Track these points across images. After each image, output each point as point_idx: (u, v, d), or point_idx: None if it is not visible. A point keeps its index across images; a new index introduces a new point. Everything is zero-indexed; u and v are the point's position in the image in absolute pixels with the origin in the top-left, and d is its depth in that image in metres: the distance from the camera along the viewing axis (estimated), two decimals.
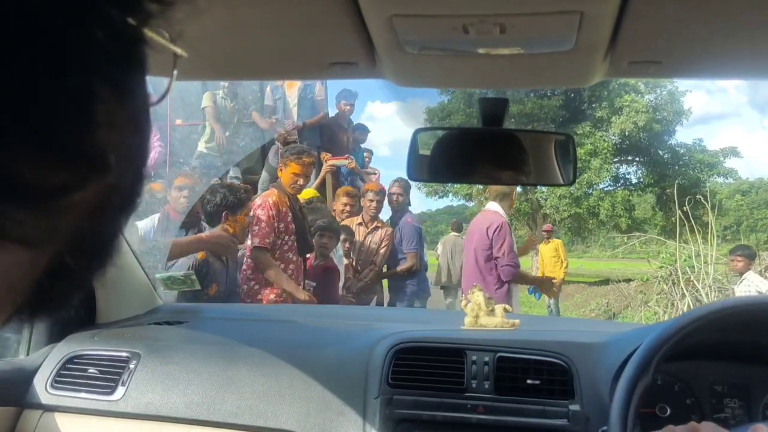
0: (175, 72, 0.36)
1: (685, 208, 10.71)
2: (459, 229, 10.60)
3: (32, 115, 0.25)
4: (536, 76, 1.13)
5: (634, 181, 24.93)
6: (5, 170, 0.24)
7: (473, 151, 1.32)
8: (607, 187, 23.59)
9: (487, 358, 1.44)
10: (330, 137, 7.41)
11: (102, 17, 0.26)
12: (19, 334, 1.68)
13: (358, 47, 0.95)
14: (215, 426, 1.44)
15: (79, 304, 1.71)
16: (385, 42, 0.92)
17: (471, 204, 28.28)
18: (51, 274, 0.30)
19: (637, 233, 16.26)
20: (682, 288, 9.92)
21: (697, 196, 11.91)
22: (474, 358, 1.45)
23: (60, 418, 1.51)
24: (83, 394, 1.51)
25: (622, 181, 24.71)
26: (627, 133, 21.87)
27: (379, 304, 5.67)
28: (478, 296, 1.71)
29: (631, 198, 23.70)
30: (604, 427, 1.18)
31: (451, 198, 27.81)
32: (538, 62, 1.02)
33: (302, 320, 1.98)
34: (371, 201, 5.58)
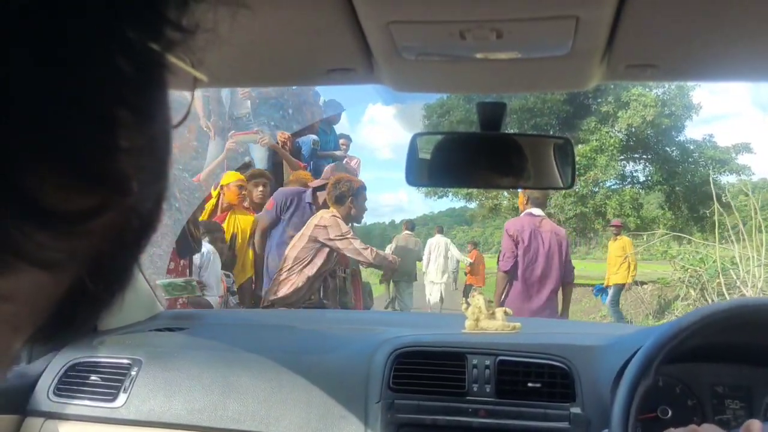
0: (192, 94, 0.37)
1: (713, 205, 10.31)
2: (412, 228, 11.29)
3: (55, 140, 0.25)
4: (533, 80, 1.13)
5: (641, 179, 23.94)
6: (28, 193, 0.25)
7: (472, 155, 1.32)
8: (613, 185, 22.64)
9: (488, 362, 1.44)
10: (292, 113, 6.69)
11: (124, 44, 0.27)
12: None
13: (355, 54, 0.95)
14: None
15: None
16: (383, 48, 0.92)
17: (472, 205, 27.75)
18: (72, 297, 0.31)
19: (662, 230, 15.26)
20: (714, 292, 9.45)
21: (722, 197, 11.46)
22: (475, 361, 1.45)
23: (62, 426, 1.51)
24: (85, 402, 1.51)
25: (629, 179, 23.70)
26: (634, 129, 21.03)
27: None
28: (478, 300, 1.71)
29: (638, 196, 22.74)
30: (606, 430, 1.19)
31: (451, 198, 26.93)
32: (535, 67, 1.02)
33: (302, 325, 1.99)
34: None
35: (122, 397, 1.50)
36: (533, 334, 1.68)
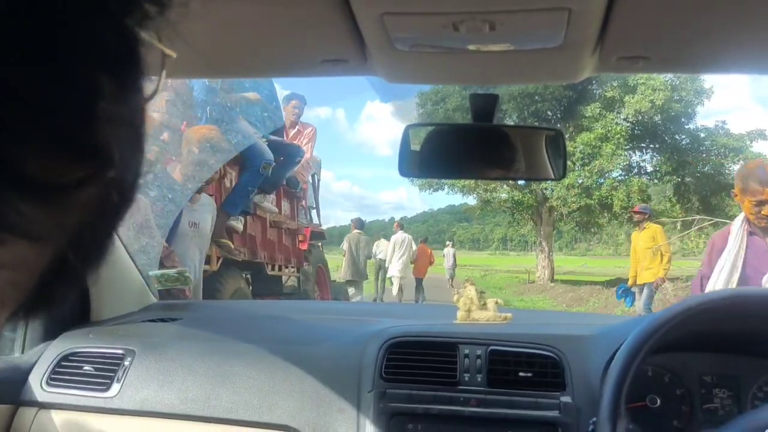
0: (164, 71, 0.37)
1: (725, 196, 9.37)
2: (361, 226, 11.79)
3: (41, 109, 0.25)
4: (526, 72, 1.14)
5: (649, 169, 22.55)
6: (13, 164, 0.25)
7: (464, 147, 1.33)
8: (619, 176, 21.43)
9: (479, 352, 1.46)
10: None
11: (107, 14, 0.27)
12: (14, 332, 1.68)
13: (349, 45, 0.95)
14: (210, 422, 1.44)
15: (74, 301, 1.72)
16: (376, 39, 0.92)
17: (470, 200, 26.63)
18: (53, 271, 0.31)
19: (700, 216, 13.50)
20: None
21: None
22: (466, 351, 1.46)
23: (56, 416, 1.51)
24: (78, 392, 1.52)
25: (636, 170, 22.37)
26: (642, 115, 19.79)
27: None
28: (470, 291, 1.72)
29: (647, 188, 21.36)
30: (595, 419, 1.20)
31: (447, 191, 26.12)
32: (527, 59, 1.03)
33: (295, 316, 1.99)
34: None
35: (115, 387, 1.50)
36: (524, 325, 1.69)
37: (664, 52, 1.02)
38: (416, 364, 1.45)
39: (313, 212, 11.34)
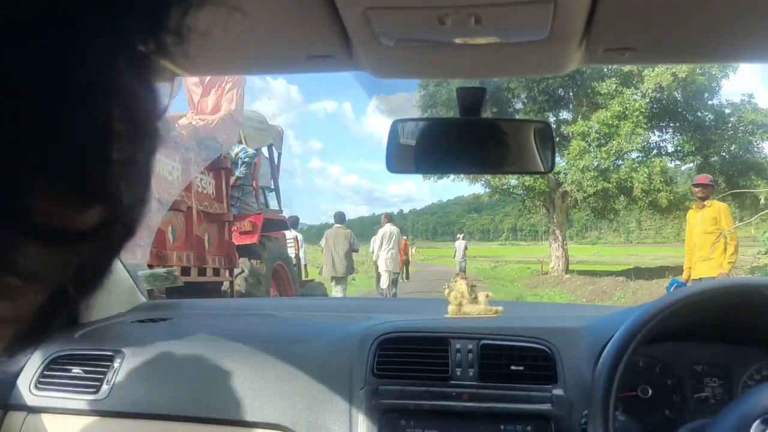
0: (172, 90, 0.36)
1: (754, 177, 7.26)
2: (341, 220, 10.38)
3: (56, 152, 0.24)
4: (512, 65, 1.13)
5: (670, 149, 20.80)
6: (20, 207, 0.24)
7: (452, 141, 1.32)
8: (638, 157, 19.79)
9: (471, 346, 1.45)
10: None
11: (130, 53, 0.26)
12: None
13: (334, 40, 0.95)
14: (201, 422, 1.44)
15: None
16: (361, 34, 0.92)
17: (478, 188, 25.20)
18: (51, 304, 0.30)
19: None
20: None
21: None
22: (458, 346, 1.46)
23: (45, 419, 1.50)
24: (68, 394, 1.50)
25: (655, 150, 20.68)
26: (662, 91, 18.26)
27: None
28: (460, 284, 1.72)
29: (668, 169, 19.73)
30: (588, 411, 1.20)
31: (452, 178, 24.37)
32: (514, 51, 1.02)
33: (284, 314, 1.99)
34: None
35: (105, 389, 1.49)
36: (515, 318, 1.69)
37: (652, 43, 1.02)
38: (408, 359, 1.45)
39: (272, 196, 9.38)
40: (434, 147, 1.34)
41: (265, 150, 8.98)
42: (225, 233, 7.25)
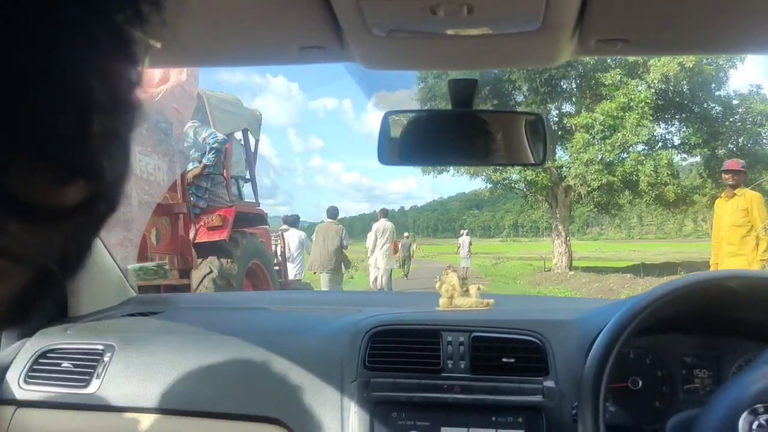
0: (144, 62, 0.36)
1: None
2: (334, 215, 10.01)
3: (38, 128, 0.24)
4: (505, 56, 1.13)
5: (676, 142, 20.16)
6: (9, 189, 0.24)
7: (444, 133, 1.32)
8: (643, 150, 19.27)
9: (462, 339, 1.46)
10: None
11: (107, 21, 0.26)
12: None
13: (326, 31, 0.94)
14: (194, 416, 1.43)
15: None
16: (353, 25, 0.91)
17: (478, 183, 24.38)
18: (35, 283, 0.30)
19: None
20: None
21: None
22: (449, 338, 1.46)
23: (35, 413, 1.49)
24: (57, 388, 1.49)
25: (661, 143, 20.21)
26: (668, 81, 17.80)
27: None
28: (452, 277, 1.72)
29: (675, 162, 19.04)
30: (578, 402, 1.21)
31: (452, 172, 24.04)
32: (506, 42, 1.02)
33: (276, 307, 1.98)
34: None
35: (95, 383, 1.48)
36: (507, 310, 1.70)
37: (644, 34, 1.02)
38: (399, 352, 1.45)
39: (247, 187, 8.54)
40: (426, 139, 1.34)
41: (239, 135, 8.16)
42: (179, 228, 6.27)
